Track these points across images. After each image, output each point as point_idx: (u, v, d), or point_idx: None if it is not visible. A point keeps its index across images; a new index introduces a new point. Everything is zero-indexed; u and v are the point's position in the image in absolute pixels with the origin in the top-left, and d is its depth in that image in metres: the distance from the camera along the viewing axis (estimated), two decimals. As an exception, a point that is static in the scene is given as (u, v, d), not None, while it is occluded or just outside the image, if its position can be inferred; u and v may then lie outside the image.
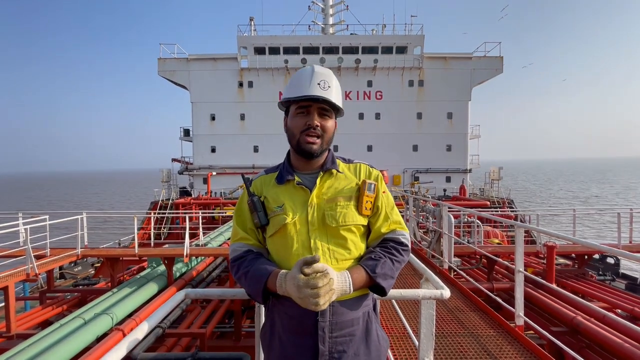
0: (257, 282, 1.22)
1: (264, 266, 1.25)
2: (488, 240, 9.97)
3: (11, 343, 5.53)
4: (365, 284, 1.23)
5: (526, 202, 41.56)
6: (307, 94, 1.27)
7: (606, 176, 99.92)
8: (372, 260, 1.26)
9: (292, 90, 1.32)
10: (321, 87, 1.28)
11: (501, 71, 22.17)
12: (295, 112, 1.32)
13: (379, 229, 1.33)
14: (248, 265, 1.27)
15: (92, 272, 12.66)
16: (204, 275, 8.40)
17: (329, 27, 24.84)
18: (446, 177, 22.47)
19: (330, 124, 1.33)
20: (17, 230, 6.95)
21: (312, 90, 1.27)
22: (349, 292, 1.18)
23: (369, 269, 1.23)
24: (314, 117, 1.29)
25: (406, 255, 1.34)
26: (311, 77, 1.29)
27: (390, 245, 1.31)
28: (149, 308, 5.77)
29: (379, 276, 1.22)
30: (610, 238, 18.64)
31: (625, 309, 5.69)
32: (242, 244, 1.34)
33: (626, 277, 10.78)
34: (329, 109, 1.32)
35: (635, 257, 2.45)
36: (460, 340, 3.37)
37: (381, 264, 1.24)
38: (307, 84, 1.28)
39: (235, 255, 1.33)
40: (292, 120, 1.33)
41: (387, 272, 1.24)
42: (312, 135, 1.29)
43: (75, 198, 65.52)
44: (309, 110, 1.30)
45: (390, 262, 1.26)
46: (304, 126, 1.29)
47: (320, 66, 1.35)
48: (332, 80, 1.31)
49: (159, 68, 21.76)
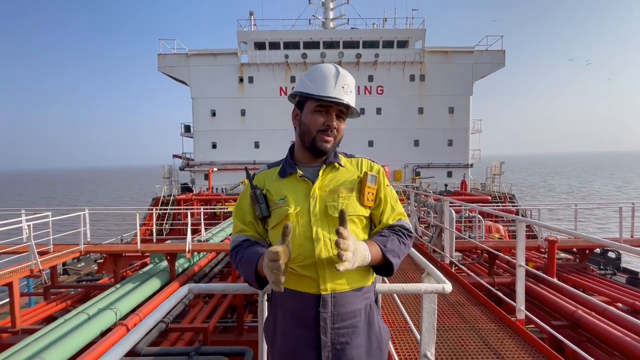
0: (249, 266, 1.24)
1: (255, 249, 1.27)
2: (489, 235, 9.98)
3: (17, 338, 5.59)
4: (378, 259, 1.23)
5: (527, 197, 41.53)
6: (333, 96, 1.29)
7: (611, 170, 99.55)
8: (382, 236, 1.29)
9: (316, 87, 1.31)
10: (345, 90, 1.30)
11: (503, 65, 22.01)
12: (314, 108, 1.32)
13: (387, 220, 1.36)
14: (243, 252, 1.30)
15: (95, 268, 12.74)
16: (206, 271, 8.45)
17: (330, 21, 24.65)
18: (447, 172, 22.43)
19: (343, 126, 1.36)
20: (20, 227, 6.99)
21: (338, 93, 1.29)
22: (368, 261, 1.19)
23: (380, 243, 1.25)
24: (333, 118, 1.31)
25: (410, 242, 1.36)
26: (337, 78, 1.30)
27: (397, 228, 1.34)
28: (152, 303, 5.81)
29: (389, 251, 1.24)
30: (611, 232, 18.64)
31: (626, 302, 5.71)
32: (241, 234, 1.37)
33: (627, 271, 10.78)
34: (345, 112, 1.35)
35: (636, 251, 2.45)
36: (462, 334, 3.39)
37: (390, 241, 1.27)
38: (332, 85, 1.29)
39: (233, 245, 1.36)
40: (309, 117, 1.32)
41: (396, 249, 1.27)
42: (329, 135, 1.32)
43: (75, 195, 65.74)
44: (329, 110, 1.31)
45: (397, 241, 1.29)
46: (323, 126, 1.31)
47: (343, 69, 1.36)
48: (353, 85, 1.34)
49: (159, 64, 21.69)
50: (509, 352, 3.03)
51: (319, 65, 1.37)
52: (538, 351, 3.01)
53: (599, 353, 4.22)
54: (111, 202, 49.99)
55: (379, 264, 1.26)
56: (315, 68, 1.35)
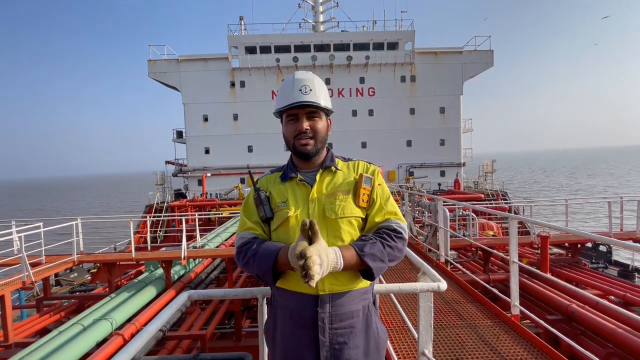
0: (267, 258, 1.25)
1: (273, 244, 1.30)
2: (483, 233, 10.09)
3: (10, 352, 5.48)
4: (356, 263, 1.24)
5: (519, 192, 42.03)
6: (290, 102, 1.34)
7: (597, 165, 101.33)
8: (361, 241, 1.30)
9: (279, 101, 1.40)
10: (303, 92, 1.34)
11: (492, 64, 22.35)
12: (286, 120, 1.40)
13: (373, 218, 1.38)
14: (257, 247, 1.31)
15: (89, 277, 12.55)
16: (203, 277, 8.39)
17: (320, 24, 24.78)
18: (440, 172, 22.63)
19: (320, 124, 1.38)
20: (10, 238, 6.87)
21: (296, 97, 1.34)
22: (340, 266, 1.20)
23: (357, 247, 1.25)
24: (303, 122, 1.36)
25: (400, 243, 1.33)
26: (292, 85, 1.36)
27: (383, 231, 1.34)
28: (148, 311, 5.75)
29: (366, 255, 1.23)
30: (601, 226, 18.97)
31: (618, 295, 5.81)
32: (249, 232, 1.39)
33: (618, 264, 10.98)
34: (316, 110, 1.37)
35: (625, 245, 2.52)
36: (458, 331, 3.43)
37: (370, 245, 1.27)
38: (289, 93, 1.36)
39: (242, 242, 1.36)
40: (285, 128, 1.41)
41: (376, 254, 1.25)
42: (304, 138, 1.36)
43: (67, 204, 64.66)
44: (298, 116, 1.37)
45: (380, 245, 1.28)
46: (295, 132, 1.37)
47: (302, 71, 1.42)
48: (313, 84, 1.37)
49: (149, 70, 21.55)
50: (505, 348, 3.07)
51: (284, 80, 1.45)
52: (534, 346, 3.06)
53: (593, 346, 4.29)
54: (104, 210, 49.32)
55: (359, 267, 1.27)
56: (280, 85, 1.45)
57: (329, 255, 1.16)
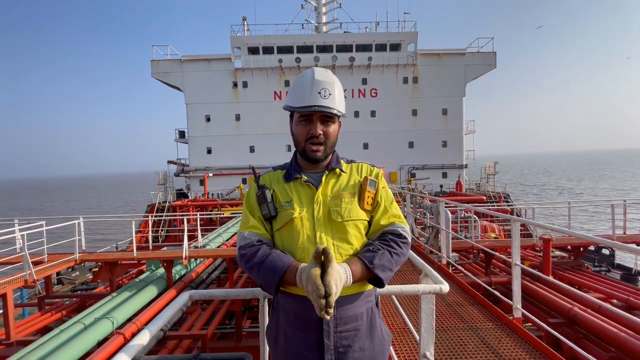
0: (273, 274, 1.21)
1: (280, 258, 1.25)
2: (485, 235, 10.06)
3: (11, 350, 5.50)
4: (364, 275, 1.24)
5: (521, 195, 41.88)
6: (309, 105, 1.28)
7: (602, 167, 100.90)
8: (370, 252, 1.27)
9: (294, 98, 1.33)
10: (322, 95, 1.28)
11: (495, 66, 22.31)
12: (298, 120, 1.34)
13: (378, 221, 1.36)
14: (263, 256, 1.26)
15: (90, 276, 12.59)
16: (204, 277, 8.40)
17: (323, 25, 24.83)
18: (442, 173, 22.61)
19: (332, 129, 1.34)
20: (13, 237, 6.90)
21: (313, 100, 1.28)
22: (349, 283, 1.19)
23: (367, 260, 1.24)
24: (317, 126, 1.31)
25: (405, 248, 1.33)
26: (311, 85, 1.29)
27: (389, 237, 1.32)
28: (149, 311, 5.75)
29: (377, 267, 1.23)
30: (604, 229, 18.88)
31: (621, 299, 5.78)
32: (253, 232, 1.34)
33: (621, 267, 10.91)
34: (331, 115, 1.32)
35: (628, 248, 2.50)
36: (460, 333, 3.41)
37: (379, 256, 1.25)
38: (307, 93, 1.29)
39: (245, 242, 1.31)
40: (296, 128, 1.35)
41: (385, 264, 1.25)
42: (315, 143, 1.32)
43: (68, 203, 64.93)
44: (311, 118, 1.31)
45: (388, 254, 1.27)
46: (307, 135, 1.32)
47: (321, 70, 1.34)
48: (333, 88, 1.31)
49: (152, 70, 21.65)
50: (507, 351, 3.05)
51: (300, 74, 1.37)
52: (536, 349, 3.04)
53: (595, 349, 4.26)
54: (106, 209, 49.49)
55: (367, 278, 1.26)
56: (296, 79, 1.37)
57: (341, 278, 1.15)
